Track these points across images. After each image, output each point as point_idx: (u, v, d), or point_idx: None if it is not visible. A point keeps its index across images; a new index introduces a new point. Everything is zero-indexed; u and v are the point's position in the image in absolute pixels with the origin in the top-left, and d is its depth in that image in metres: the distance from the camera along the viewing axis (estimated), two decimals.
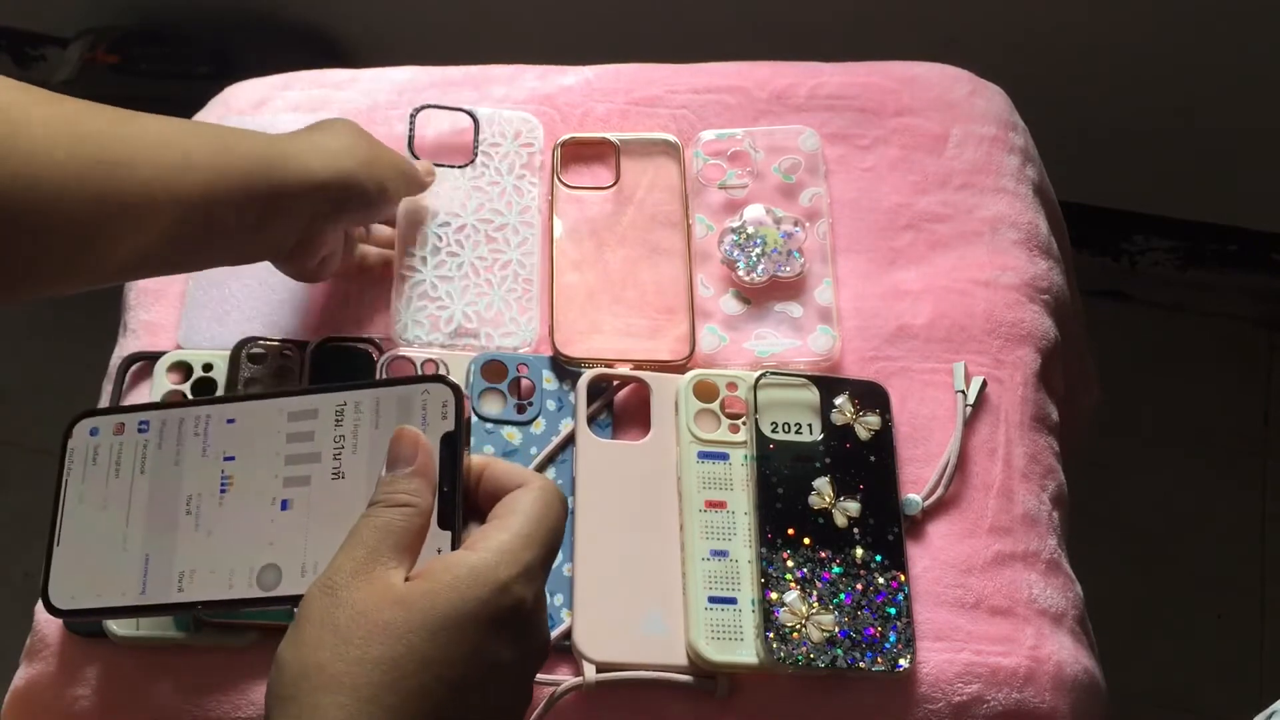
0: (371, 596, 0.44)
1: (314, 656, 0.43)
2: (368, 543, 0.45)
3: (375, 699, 0.42)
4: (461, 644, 0.43)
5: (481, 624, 0.44)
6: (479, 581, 0.44)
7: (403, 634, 0.43)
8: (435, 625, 0.43)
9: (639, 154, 0.89)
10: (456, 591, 0.43)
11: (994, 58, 1.05)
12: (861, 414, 0.78)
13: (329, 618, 0.43)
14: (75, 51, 1.55)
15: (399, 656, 0.42)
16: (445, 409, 0.50)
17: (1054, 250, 0.89)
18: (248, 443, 0.51)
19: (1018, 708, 0.71)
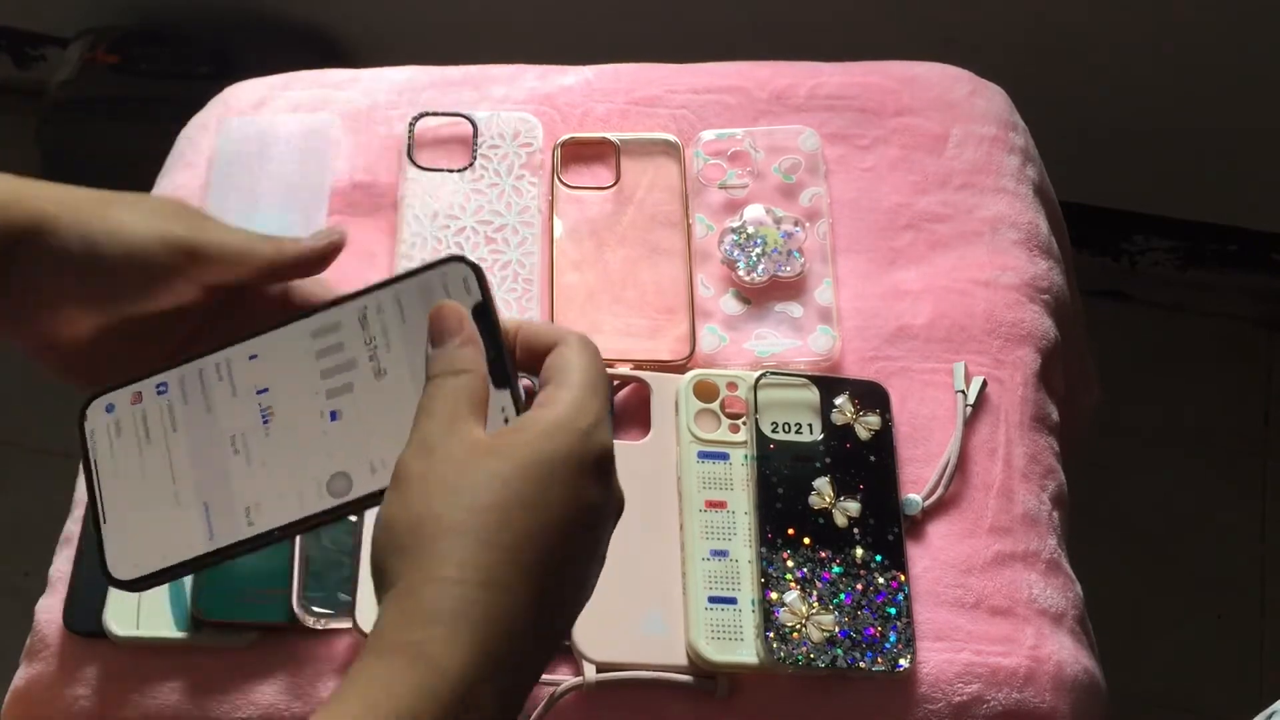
0: (468, 451, 0.45)
1: (426, 508, 0.44)
2: (445, 409, 0.47)
3: (492, 541, 0.43)
4: (558, 487, 0.45)
5: (573, 468, 0.45)
6: (564, 430, 0.46)
7: (507, 480, 0.44)
8: (534, 472, 0.45)
9: (639, 154, 0.89)
10: (548, 441, 0.45)
11: (994, 58, 1.05)
12: (861, 414, 0.78)
13: (432, 473, 0.45)
14: (75, 51, 1.55)
15: (506, 501, 0.44)
16: (468, 284, 0.51)
17: (1054, 250, 0.89)
18: (277, 372, 0.51)
19: (1018, 708, 0.71)
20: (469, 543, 0.44)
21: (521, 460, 0.45)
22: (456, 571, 0.43)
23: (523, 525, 0.44)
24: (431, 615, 0.43)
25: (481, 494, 0.44)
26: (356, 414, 0.50)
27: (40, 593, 0.76)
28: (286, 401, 0.50)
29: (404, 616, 0.43)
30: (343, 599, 0.73)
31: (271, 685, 0.72)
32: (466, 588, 0.43)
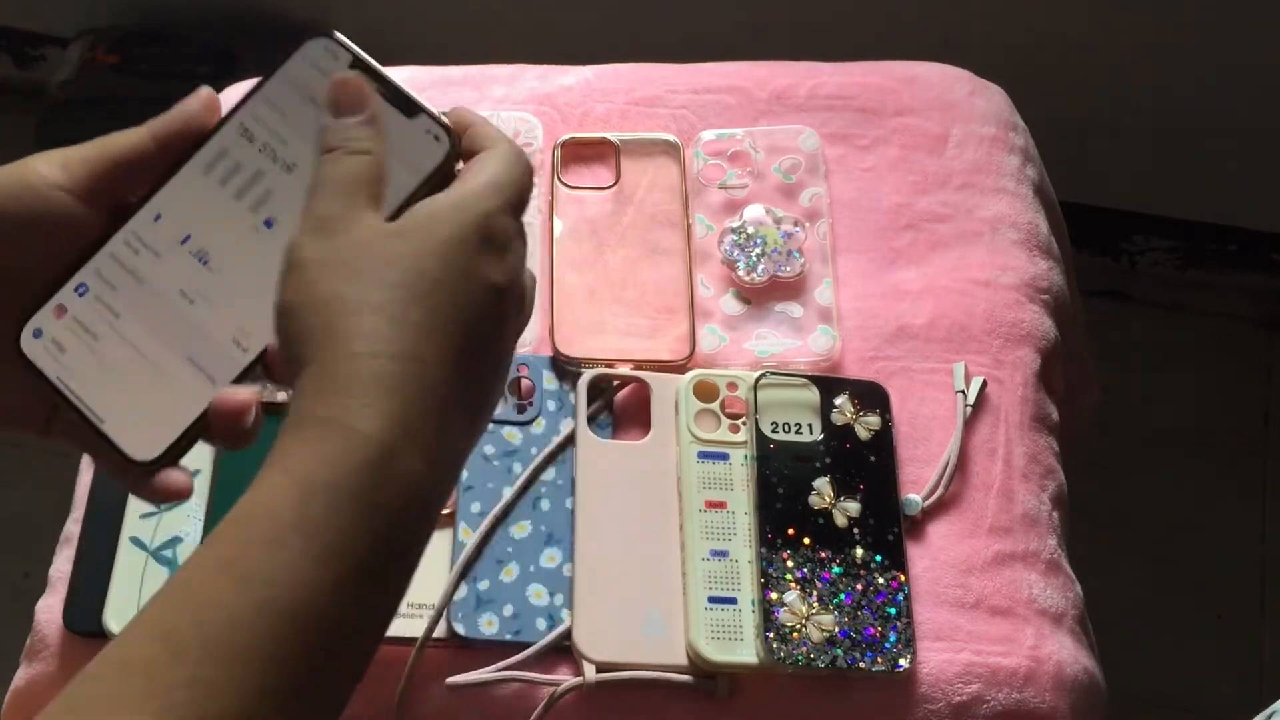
0: (368, 233, 0.45)
1: (330, 289, 0.44)
2: (342, 188, 0.46)
3: (401, 316, 0.43)
4: (460, 264, 0.45)
5: (474, 245, 0.45)
6: (465, 209, 0.46)
7: (410, 260, 0.44)
8: (436, 249, 0.45)
9: (639, 154, 0.89)
10: (447, 221, 0.45)
11: (994, 58, 1.04)
12: (861, 414, 0.78)
13: (331, 254, 0.44)
14: (75, 51, 1.55)
15: (412, 280, 0.44)
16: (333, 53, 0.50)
17: (1054, 250, 0.89)
18: (190, 217, 0.50)
19: (1018, 708, 0.71)
20: (378, 319, 0.43)
21: (424, 239, 0.45)
22: (367, 345, 0.43)
23: (431, 301, 0.44)
24: (345, 386, 0.42)
25: (387, 272, 0.44)
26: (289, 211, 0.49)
27: (40, 593, 0.76)
28: (215, 236, 0.50)
29: (319, 392, 0.43)
30: None
31: None
32: (379, 360, 0.42)
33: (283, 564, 0.40)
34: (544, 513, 0.76)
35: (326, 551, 0.40)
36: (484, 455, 0.77)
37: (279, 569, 0.40)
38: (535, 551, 0.75)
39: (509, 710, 0.71)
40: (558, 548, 0.75)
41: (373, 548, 0.41)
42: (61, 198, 0.48)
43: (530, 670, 0.71)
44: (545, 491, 0.77)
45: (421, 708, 0.71)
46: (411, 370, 0.43)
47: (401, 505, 0.42)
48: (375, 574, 0.41)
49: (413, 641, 0.71)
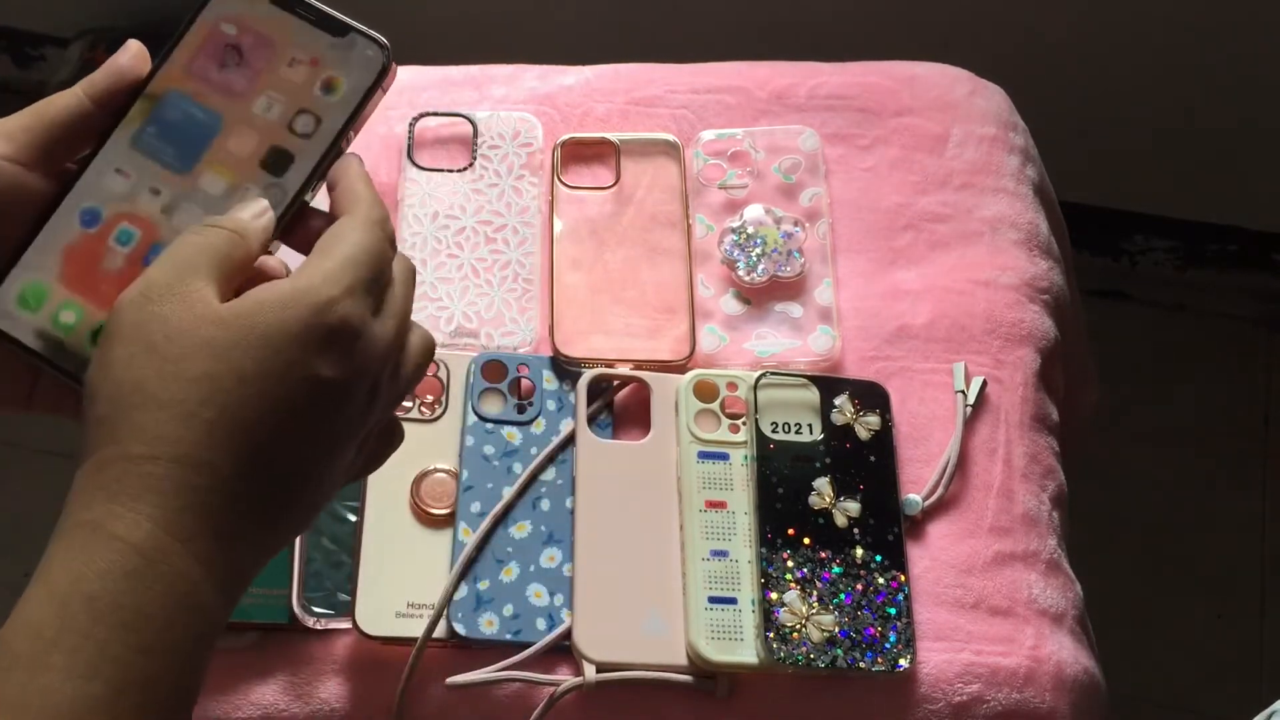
0: (188, 314, 0.42)
1: (129, 375, 0.42)
2: (185, 258, 0.44)
3: (194, 414, 0.41)
4: (280, 359, 0.42)
5: (301, 340, 0.42)
6: (300, 300, 0.43)
7: (221, 351, 0.42)
8: (255, 342, 0.42)
9: (639, 154, 0.89)
10: (277, 311, 0.42)
11: (994, 58, 1.04)
12: (861, 414, 0.78)
13: (142, 334, 0.42)
14: (75, 51, 1.55)
15: (217, 373, 0.41)
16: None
17: (1054, 250, 0.89)
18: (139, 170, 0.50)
19: (1018, 708, 0.71)
20: (167, 417, 0.41)
21: (244, 330, 0.42)
22: (147, 448, 0.41)
23: (234, 398, 0.41)
24: (115, 492, 0.40)
25: (191, 363, 0.41)
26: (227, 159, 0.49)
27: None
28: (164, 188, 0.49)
29: (87, 494, 0.41)
30: (343, 599, 0.73)
31: (271, 685, 0.72)
32: (156, 464, 0.40)
33: (45, 687, 0.38)
34: (544, 513, 0.76)
35: (91, 667, 0.38)
36: (484, 455, 0.77)
37: (45, 694, 0.38)
38: (535, 551, 0.75)
39: (509, 710, 0.71)
40: (558, 548, 0.75)
41: (144, 659, 0.39)
42: (7, 168, 0.48)
43: (530, 670, 0.71)
44: (545, 491, 0.77)
45: (421, 708, 0.71)
46: (190, 475, 0.41)
47: (175, 614, 0.40)
48: (149, 684, 0.39)
49: (413, 641, 0.71)
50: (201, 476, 0.41)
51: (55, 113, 0.49)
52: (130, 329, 0.43)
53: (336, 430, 0.44)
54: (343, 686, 0.72)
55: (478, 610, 0.73)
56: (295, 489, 0.44)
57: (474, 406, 0.78)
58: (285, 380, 0.42)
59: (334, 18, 0.51)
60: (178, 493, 0.41)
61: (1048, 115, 1.04)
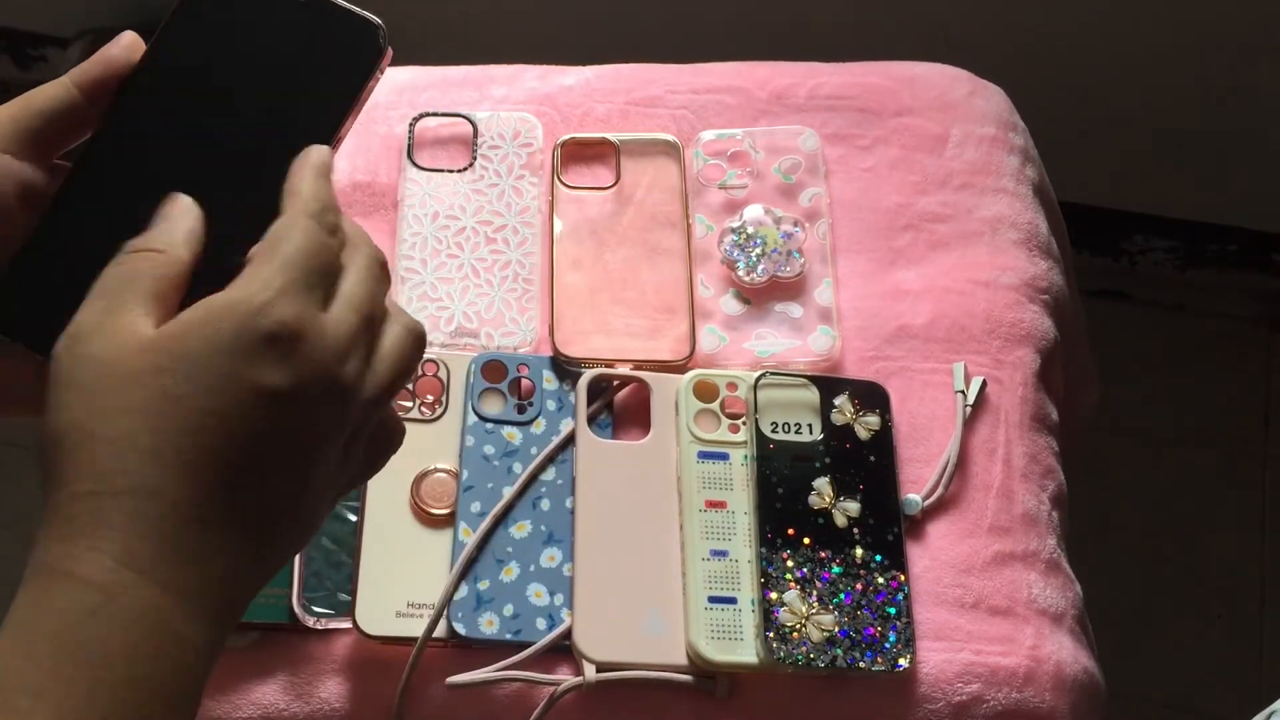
0: (115, 348, 0.41)
1: (66, 418, 0.41)
2: (109, 292, 0.43)
3: (134, 443, 0.40)
4: (216, 374, 0.41)
5: (232, 352, 0.41)
6: (231, 311, 0.41)
7: (152, 377, 0.40)
8: (187, 362, 0.41)
9: (639, 154, 0.89)
10: (208, 326, 0.41)
11: (994, 58, 1.04)
12: (861, 414, 0.78)
13: (72, 378, 0.41)
14: (75, 51, 1.55)
15: (150, 400, 0.40)
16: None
17: (1054, 250, 0.89)
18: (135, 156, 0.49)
19: (1017, 708, 0.71)
20: (108, 451, 0.40)
21: (174, 353, 0.41)
22: (93, 484, 0.40)
23: (173, 423, 0.40)
24: (67, 532, 0.40)
25: (122, 395, 0.40)
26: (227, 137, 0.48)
27: None
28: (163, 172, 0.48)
29: (46, 539, 0.40)
30: (343, 599, 0.73)
31: (271, 685, 0.72)
32: (103, 498, 0.40)
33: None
34: (544, 513, 0.76)
35: (58, 710, 0.37)
36: (484, 455, 0.77)
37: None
38: (535, 551, 0.75)
39: (509, 710, 0.71)
40: (558, 548, 0.75)
41: (116, 695, 0.38)
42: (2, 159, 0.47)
43: (530, 670, 0.71)
44: (545, 491, 0.77)
45: (421, 708, 0.71)
46: (141, 504, 0.40)
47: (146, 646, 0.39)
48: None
49: (413, 641, 0.71)
50: (153, 504, 0.40)
51: (43, 102, 0.48)
52: (64, 375, 0.41)
53: (301, 438, 0.42)
54: (343, 686, 0.72)
55: (478, 610, 0.73)
56: (271, 502, 0.42)
57: (474, 406, 0.78)
58: (224, 395, 0.41)
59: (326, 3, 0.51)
60: (130, 523, 0.40)
61: (1048, 115, 1.04)
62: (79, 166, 0.49)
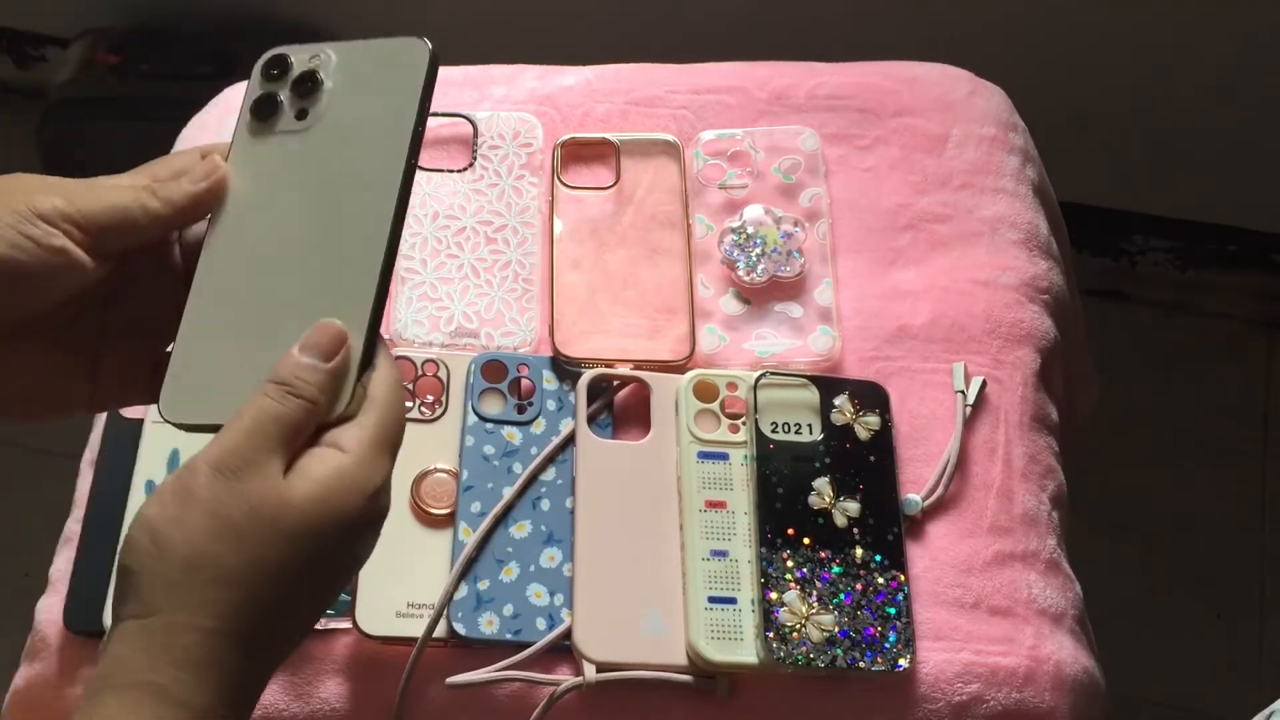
0: (266, 495, 0.45)
1: (209, 547, 0.44)
2: (264, 429, 0.46)
3: (262, 599, 0.45)
4: (336, 546, 0.47)
5: (353, 530, 0.47)
6: (354, 489, 0.46)
7: (294, 538, 0.45)
8: (321, 531, 0.46)
9: (639, 154, 0.89)
10: (338, 499, 0.46)
11: (994, 58, 1.05)
12: (861, 414, 0.78)
13: (223, 508, 0.45)
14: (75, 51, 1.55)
15: (286, 560, 0.45)
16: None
17: (1054, 250, 0.89)
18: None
19: (1017, 707, 0.71)
20: (239, 596, 0.44)
21: (313, 519, 0.45)
22: (219, 623, 0.44)
23: (295, 583, 0.45)
24: (183, 661, 0.43)
25: (268, 548, 0.45)
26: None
27: (40, 593, 0.76)
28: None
29: (151, 656, 0.43)
30: (343, 598, 0.73)
31: (271, 685, 0.72)
32: (225, 639, 0.44)
33: None
34: (544, 513, 0.76)
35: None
36: (484, 455, 0.77)
37: None
38: (535, 551, 0.75)
39: (509, 710, 0.71)
40: (558, 548, 0.75)
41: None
42: (67, 245, 0.49)
43: (530, 670, 0.71)
44: (545, 491, 0.77)
45: (421, 708, 0.71)
46: (247, 654, 0.45)
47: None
48: None
49: (413, 641, 0.71)
50: (252, 658, 0.45)
51: (126, 217, 0.50)
52: (210, 499, 0.45)
53: (354, 571, 0.50)
54: (343, 686, 0.72)
55: (478, 610, 0.73)
56: (314, 619, 0.50)
57: (474, 406, 0.78)
58: (336, 562, 0.47)
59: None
60: (237, 669, 0.44)
61: (1048, 115, 1.04)
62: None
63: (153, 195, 0.51)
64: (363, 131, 0.51)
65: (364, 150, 0.51)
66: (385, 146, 0.51)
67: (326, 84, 0.53)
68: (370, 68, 0.53)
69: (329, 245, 0.50)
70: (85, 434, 0.81)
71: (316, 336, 0.48)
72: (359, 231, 0.50)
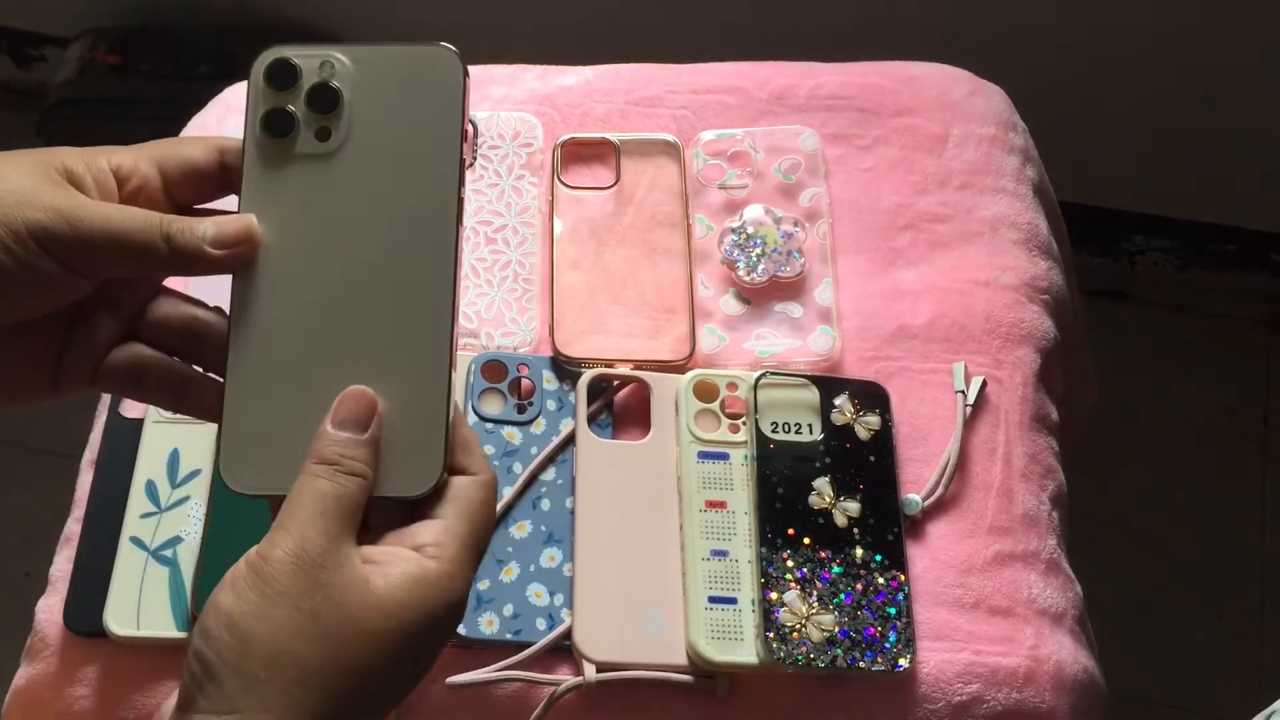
0: (352, 592, 0.44)
1: (293, 645, 0.43)
2: (333, 515, 0.45)
3: (340, 699, 0.43)
4: (419, 651, 0.45)
5: (437, 635, 0.46)
6: (443, 599, 0.45)
7: (380, 644, 0.44)
8: (406, 637, 0.44)
9: (639, 154, 0.89)
10: (426, 605, 0.45)
11: (994, 58, 1.05)
12: (861, 414, 0.78)
13: (308, 603, 0.43)
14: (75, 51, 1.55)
15: (373, 666, 0.44)
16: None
17: (1054, 250, 0.89)
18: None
19: (1017, 708, 0.71)
20: (321, 700, 0.43)
21: (400, 624, 0.44)
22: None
23: (377, 686, 0.44)
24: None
25: (354, 653, 0.43)
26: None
27: (40, 593, 0.76)
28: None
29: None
30: None
31: None
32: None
33: None
34: (544, 513, 0.76)
35: None
36: (484, 455, 0.77)
37: None
38: (535, 551, 0.75)
39: (509, 710, 0.71)
40: (558, 548, 0.75)
41: None
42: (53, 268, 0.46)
43: (530, 670, 0.71)
44: (545, 491, 0.77)
45: (421, 708, 0.71)
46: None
47: None
48: None
49: None
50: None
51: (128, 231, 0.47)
52: (293, 591, 0.43)
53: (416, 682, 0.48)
54: None
55: (478, 610, 0.73)
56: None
57: (474, 406, 0.78)
58: (416, 665, 0.46)
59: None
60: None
61: (1048, 115, 1.04)
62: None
63: (165, 238, 0.47)
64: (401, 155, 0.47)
65: (406, 177, 0.47)
66: (431, 172, 0.47)
67: (346, 98, 0.48)
68: (394, 80, 0.48)
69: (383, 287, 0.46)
70: (85, 434, 0.81)
71: (348, 408, 0.46)
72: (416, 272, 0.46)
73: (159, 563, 0.75)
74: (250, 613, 0.43)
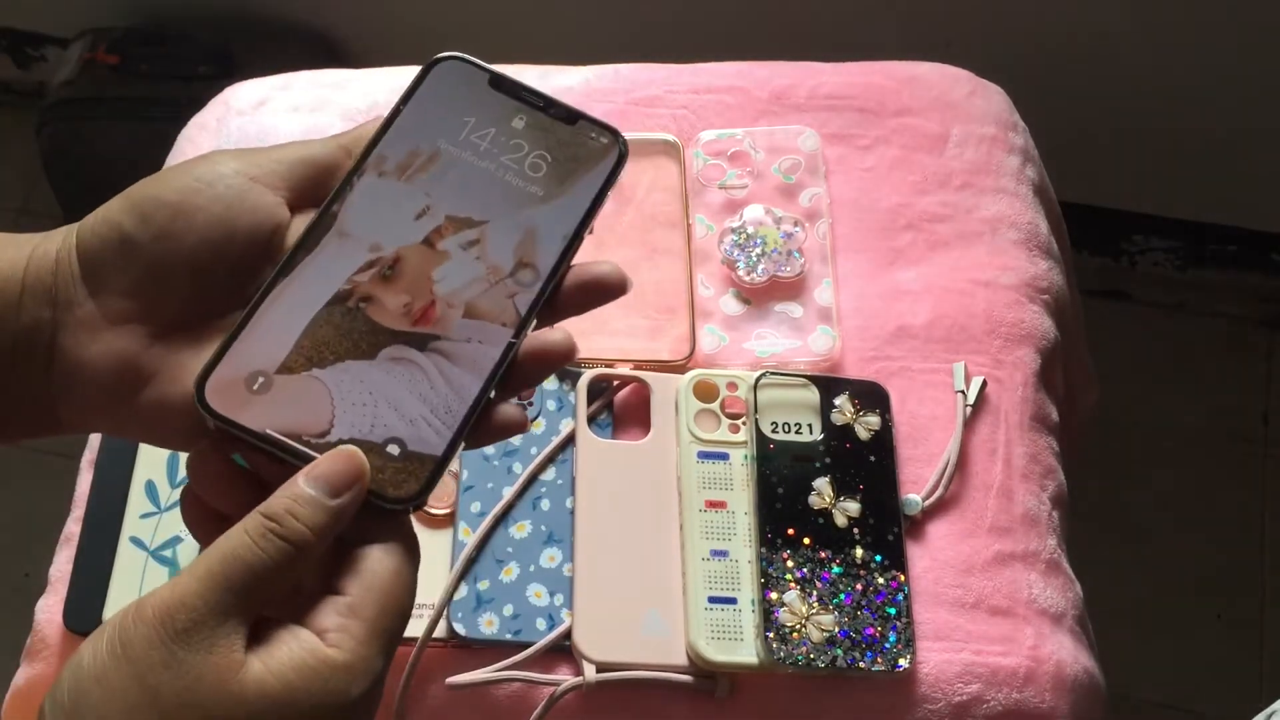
0: (210, 679, 0.36)
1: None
2: (226, 581, 0.37)
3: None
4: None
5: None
6: (332, 692, 0.37)
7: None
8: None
9: (639, 154, 0.89)
10: (312, 698, 0.37)
11: (994, 58, 1.05)
12: (861, 414, 0.78)
13: (154, 679, 0.36)
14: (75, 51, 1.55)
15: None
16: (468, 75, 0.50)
17: (1054, 250, 0.89)
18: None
19: (1018, 708, 0.71)
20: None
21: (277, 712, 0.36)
22: None
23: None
24: None
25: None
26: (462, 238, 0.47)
27: (40, 593, 0.76)
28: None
29: None
30: None
31: None
32: None
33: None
34: (544, 513, 0.76)
35: None
36: (484, 455, 0.77)
37: None
38: (535, 551, 0.75)
39: (509, 710, 0.71)
40: (558, 548, 0.75)
41: None
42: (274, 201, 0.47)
43: (530, 670, 0.71)
44: (545, 491, 0.77)
45: (421, 708, 0.71)
46: None
47: None
48: None
49: (413, 641, 0.71)
50: None
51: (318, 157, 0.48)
52: (143, 662, 0.37)
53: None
54: None
55: (478, 610, 0.73)
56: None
57: None
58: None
59: (567, 108, 0.48)
60: None
61: (1048, 115, 1.04)
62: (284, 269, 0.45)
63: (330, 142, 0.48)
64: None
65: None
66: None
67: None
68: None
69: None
70: (85, 434, 0.81)
71: (329, 465, 0.40)
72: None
73: (159, 563, 0.75)
74: (94, 673, 0.37)
